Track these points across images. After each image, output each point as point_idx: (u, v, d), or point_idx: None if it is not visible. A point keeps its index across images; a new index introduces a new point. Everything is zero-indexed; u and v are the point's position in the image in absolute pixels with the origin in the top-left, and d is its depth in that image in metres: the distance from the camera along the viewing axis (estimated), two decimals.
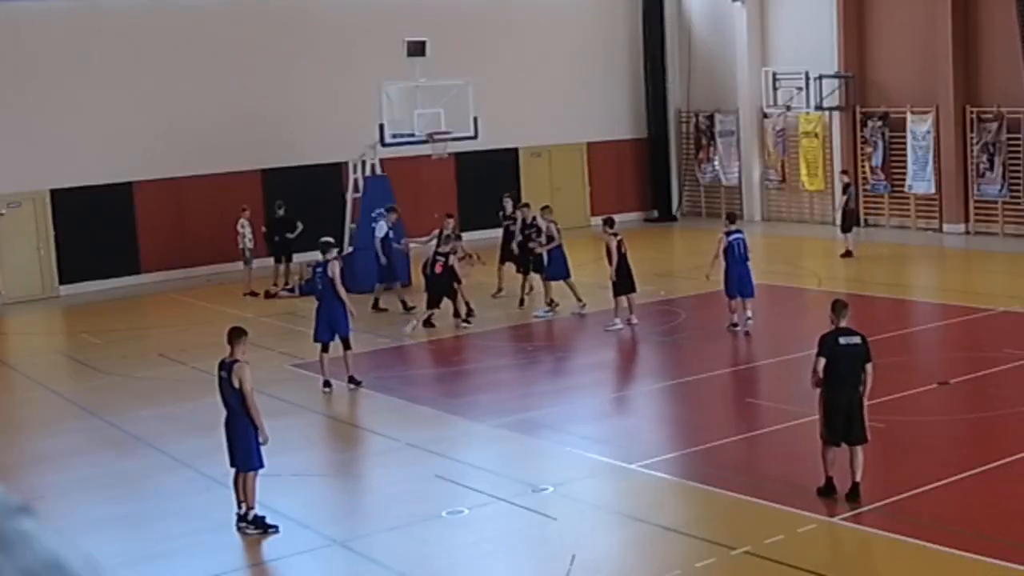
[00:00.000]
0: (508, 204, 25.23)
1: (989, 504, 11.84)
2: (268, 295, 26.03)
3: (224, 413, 12.34)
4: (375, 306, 23.68)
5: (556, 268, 22.75)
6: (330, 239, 18.71)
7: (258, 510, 12.13)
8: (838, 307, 12.33)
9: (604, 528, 12.10)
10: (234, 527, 12.10)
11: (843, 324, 12.17)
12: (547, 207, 23.94)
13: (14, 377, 20.75)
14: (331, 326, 17.78)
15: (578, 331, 21.92)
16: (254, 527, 12.07)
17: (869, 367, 11.98)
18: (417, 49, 25.99)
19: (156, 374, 19.68)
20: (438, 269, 21.35)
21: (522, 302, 23.53)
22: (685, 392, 17.31)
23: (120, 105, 28.63)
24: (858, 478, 11.84)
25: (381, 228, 24.10)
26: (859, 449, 11.87)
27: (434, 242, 22.70)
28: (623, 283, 20.99)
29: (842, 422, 11.87)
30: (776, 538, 11.04)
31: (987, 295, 22.70)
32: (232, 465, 12.23)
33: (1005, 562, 10.19)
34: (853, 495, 11.84)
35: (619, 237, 21.11)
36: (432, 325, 21.91)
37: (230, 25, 30.07)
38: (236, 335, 12.44)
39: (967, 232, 29.86)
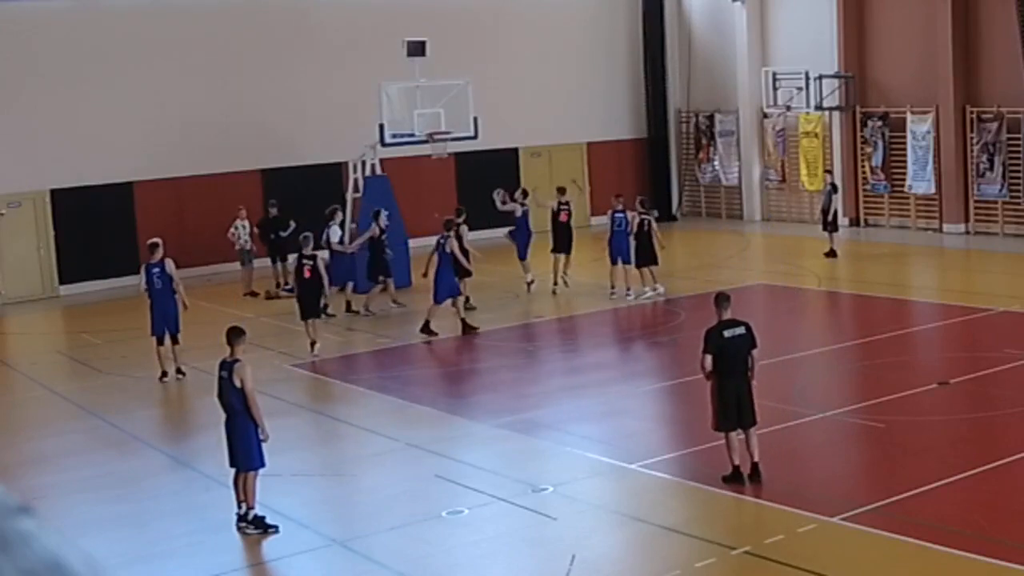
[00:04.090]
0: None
1: (989, 504, 11.83)
2: (268, 296, 26.02)
3: (223, 413, 12.35)
4: (348, 308, 23.61)
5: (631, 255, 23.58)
6: (157, 240, 19.59)
7: (258, 510, 12.12)
8: (720, 300, 12.85)
9: (604, 528, 12.10)
10: (234, 527, 12.10)
11: (726, 316, 12.67)
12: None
13: (14, 377, 20.75)
14: (164, 321, 19.02)
15: (577, 331, 21.91)
16: (254, 527, 12.06)
17: (755, 353, 12.61)
18: (417, 49, 25.99)
19: (156, 374, 19.66)
20: (306, 273, 20.30)
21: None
22: (685, 392, 17.28)
23: (120, 105, 28.63)
24: (756, 458, 12.47)
25: (335, 232, 23.86)
26: (752, 431, 12.55)
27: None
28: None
29: (735, 409, 12.43)
30: (776, 538, 11.04)
31: (987, 295, 22.70)
32: (232, 465, 12.23)
33: (1005, 562, 10.19)
34: (755, 476, 12.44)
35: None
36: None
37: (230, 25, 30.08)
38: (235, 335, 12.45)
39: (967, 232, 29.86)
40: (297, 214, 26.59)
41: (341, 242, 23.90)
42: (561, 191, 25.76)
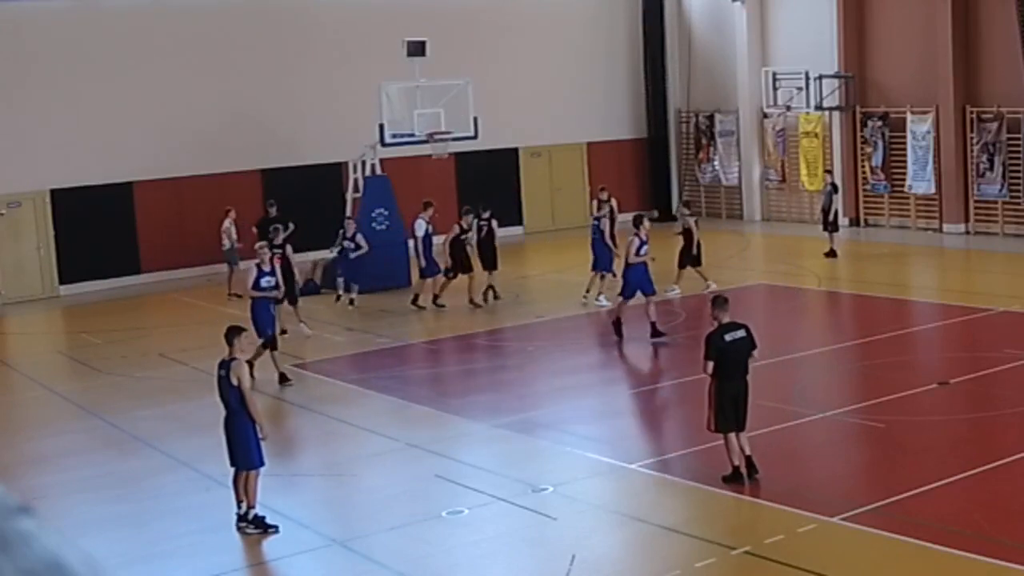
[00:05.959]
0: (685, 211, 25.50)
1: (989, 504, 11.83)
2: None
3: (223, 412, 12.35)
4: (414, 301, 23.97)
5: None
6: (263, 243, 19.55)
7: (258, 510, 12.12)
8: (718, 303, 12.78)
9: (604, 528, 12.10)
10: (234, 527, 12.10)
11: (726, 320, 12.61)
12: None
13: (14, 377, 20.74)
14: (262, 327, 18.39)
15: (577, 331, 21.90)
16: (254, 527, 12.06)
17: (755, 353, 12.65)
18: (417, 49, 25.99)
19: (156, 374, 19.67)
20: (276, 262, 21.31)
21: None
22: (685, 392, 17.28)
23: (120, 105, 28.63)
24: (748, 451, 12.50)
25: (420, 227, 24.03)
26: (743, 434, 12.55)
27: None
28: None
29: (732, 411, 12.43)
30: (776, 538, 11.04)
31: (987, 295, 22.70)
32: (232, 464, 12.22)
33: (1005, 562, 10.19)
34: (751, 469, 12.46)
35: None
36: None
37: (230, 25, 30.08)
38: (234, 334, 12.46)
39: (967, 232, 29.86)
40: (297, 214, 26.60)
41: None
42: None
